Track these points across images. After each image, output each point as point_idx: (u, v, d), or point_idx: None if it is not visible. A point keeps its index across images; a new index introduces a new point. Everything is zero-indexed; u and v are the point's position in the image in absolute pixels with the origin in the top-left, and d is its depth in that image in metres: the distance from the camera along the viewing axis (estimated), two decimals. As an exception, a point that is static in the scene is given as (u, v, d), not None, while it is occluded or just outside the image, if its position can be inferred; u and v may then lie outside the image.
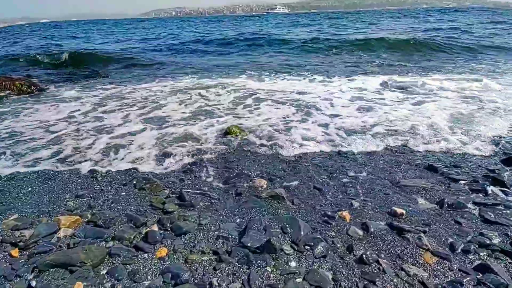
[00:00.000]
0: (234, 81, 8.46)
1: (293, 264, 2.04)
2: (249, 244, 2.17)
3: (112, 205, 2.90)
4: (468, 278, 1.90)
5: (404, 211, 2.66)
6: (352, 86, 7.47)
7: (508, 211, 2.63)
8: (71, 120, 5.55)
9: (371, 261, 2.05)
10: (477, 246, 2.21)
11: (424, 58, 12.12)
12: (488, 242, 2.24)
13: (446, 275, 1.96)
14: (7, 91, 7.47)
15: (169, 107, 6.20)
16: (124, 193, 3.13)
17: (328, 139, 4.42)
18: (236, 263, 2.04)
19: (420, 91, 6.78)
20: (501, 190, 2.92)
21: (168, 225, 2.51)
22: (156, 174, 3.57)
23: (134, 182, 3.32)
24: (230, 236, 2.37)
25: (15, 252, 2.21)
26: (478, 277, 1.92)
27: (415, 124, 4.78)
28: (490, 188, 2.97)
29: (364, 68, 10.34)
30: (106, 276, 2.01)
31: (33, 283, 1.91)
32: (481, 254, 2.13)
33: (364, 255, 2.07)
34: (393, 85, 7.39)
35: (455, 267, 2.03)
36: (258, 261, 2.04)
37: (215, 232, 2.43)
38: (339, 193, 3.03)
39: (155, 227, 2.50)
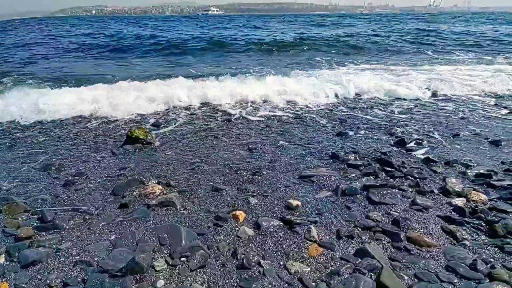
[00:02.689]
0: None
1: (161, 283, 1.71)
2: (109, 267, 1.78)
3: None
4: (346, 266, 1.83)
5: (299, 203, 2.57)
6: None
7: (392, 190, 2.73)
8: None
9: (252, 264, 1.84)
10: (360, 229, 2.19)
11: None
12: (371, 224, 2.24)
13: (327, 267, 1.86)
14: None
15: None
16: (-29, 221, 2.43)
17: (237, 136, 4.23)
18: (86, 295, 1.64)
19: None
20: (388, 171, 3.05)
21: (16, 254, 1.97)
22: (24, 191, 2.89)
23: (-13, 204, 2.61)
24: (96, 259, 1.95)
25: None
26: (357, 262, 1.87)
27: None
28: (380, 171, 3.09)
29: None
30: None
31: None
32: (363, 237, 2.11)
33: (244, 259, 1.86)
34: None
35: (337, 256, 1.95)
36: (115, 288, 1.67)
37: (76, 257, 1.97)
38: (239, 192, 2.82)
39: (2, 259, 1.95)
